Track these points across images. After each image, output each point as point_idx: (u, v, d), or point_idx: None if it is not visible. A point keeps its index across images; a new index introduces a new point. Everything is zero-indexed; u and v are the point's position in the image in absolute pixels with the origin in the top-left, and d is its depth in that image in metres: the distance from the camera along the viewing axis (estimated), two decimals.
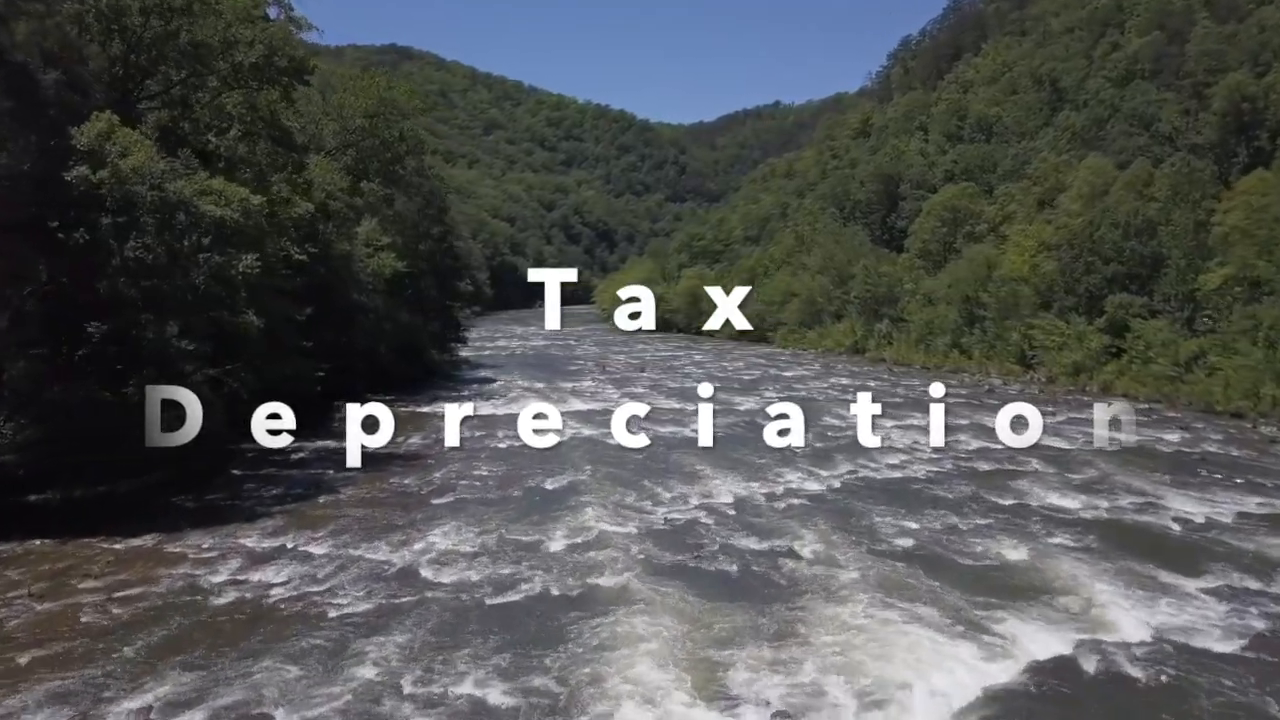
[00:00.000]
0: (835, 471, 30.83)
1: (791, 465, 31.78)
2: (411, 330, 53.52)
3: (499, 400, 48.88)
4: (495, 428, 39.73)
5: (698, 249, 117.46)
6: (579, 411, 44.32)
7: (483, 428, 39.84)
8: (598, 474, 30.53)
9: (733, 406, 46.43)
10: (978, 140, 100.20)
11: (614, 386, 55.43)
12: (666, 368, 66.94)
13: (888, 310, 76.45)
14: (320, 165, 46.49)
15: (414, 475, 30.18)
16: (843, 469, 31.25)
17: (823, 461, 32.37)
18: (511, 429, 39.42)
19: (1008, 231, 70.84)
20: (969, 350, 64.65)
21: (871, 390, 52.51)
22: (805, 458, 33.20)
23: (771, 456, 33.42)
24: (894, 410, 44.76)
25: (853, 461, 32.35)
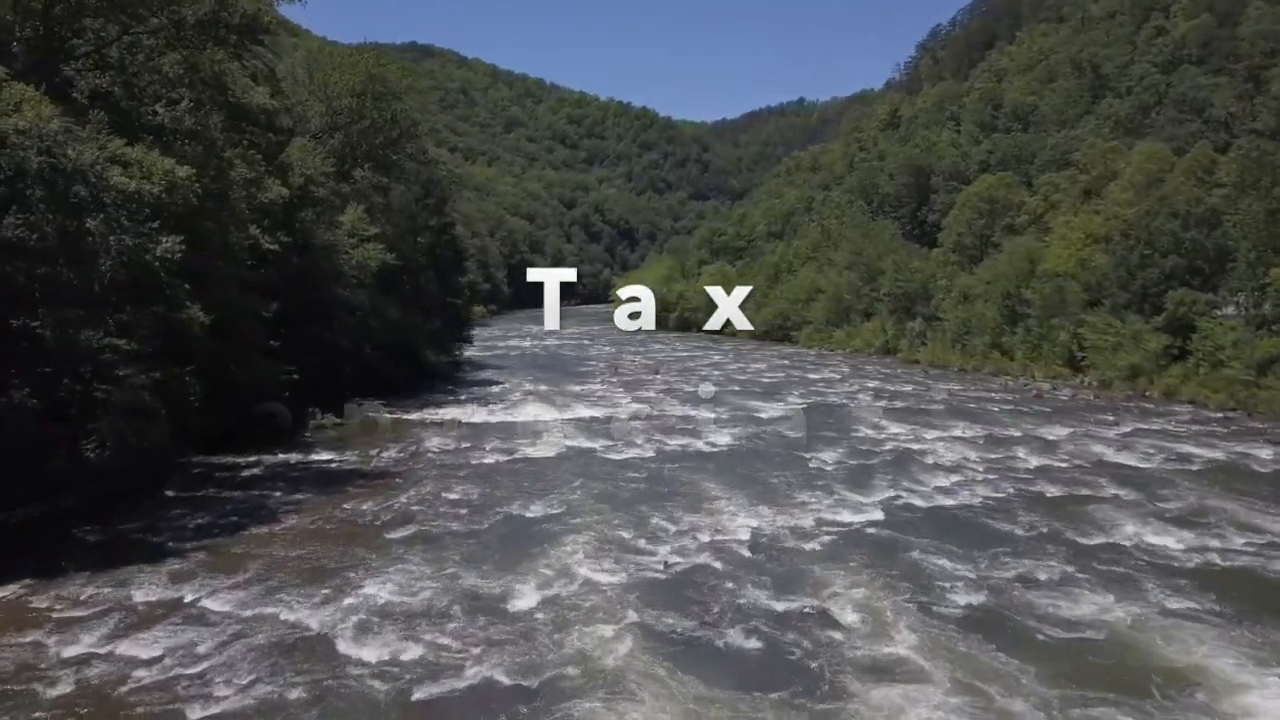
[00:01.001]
0: (874, 497, 25.57)
1: (821, 487, 26.58)
2: (404, 328, 48.68)
3: (496, 405, 43.96)
4: (484, 438, 34.81)
5: (719, 245, 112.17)
6: (581, 420, 39.31)
7: (470, 438, 34.93)
8: (590, 497, 25.48)
9: (752, 413, 41.24)
10: (1014, 130, 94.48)
11: (624, 390, 50.39)
12: (682, 370, 61.81)
13: (920, 308, 70.96)
14: (301, 148, 41.72)
15: (375, 498, 25.25)
16: (883, 493, 25.98)
17: (858, 483, 27.13)
18: (502, 440, 34.57)
19: (1051, 223, 65.20)
20: (1010, 351, 59.09)
21: (907, 395, 47.26)
22: (837, 477, 27.99)
23: (796, 474, 28.28)
24: (935, 419, 39.39)
25: (894, 483, 27.09)
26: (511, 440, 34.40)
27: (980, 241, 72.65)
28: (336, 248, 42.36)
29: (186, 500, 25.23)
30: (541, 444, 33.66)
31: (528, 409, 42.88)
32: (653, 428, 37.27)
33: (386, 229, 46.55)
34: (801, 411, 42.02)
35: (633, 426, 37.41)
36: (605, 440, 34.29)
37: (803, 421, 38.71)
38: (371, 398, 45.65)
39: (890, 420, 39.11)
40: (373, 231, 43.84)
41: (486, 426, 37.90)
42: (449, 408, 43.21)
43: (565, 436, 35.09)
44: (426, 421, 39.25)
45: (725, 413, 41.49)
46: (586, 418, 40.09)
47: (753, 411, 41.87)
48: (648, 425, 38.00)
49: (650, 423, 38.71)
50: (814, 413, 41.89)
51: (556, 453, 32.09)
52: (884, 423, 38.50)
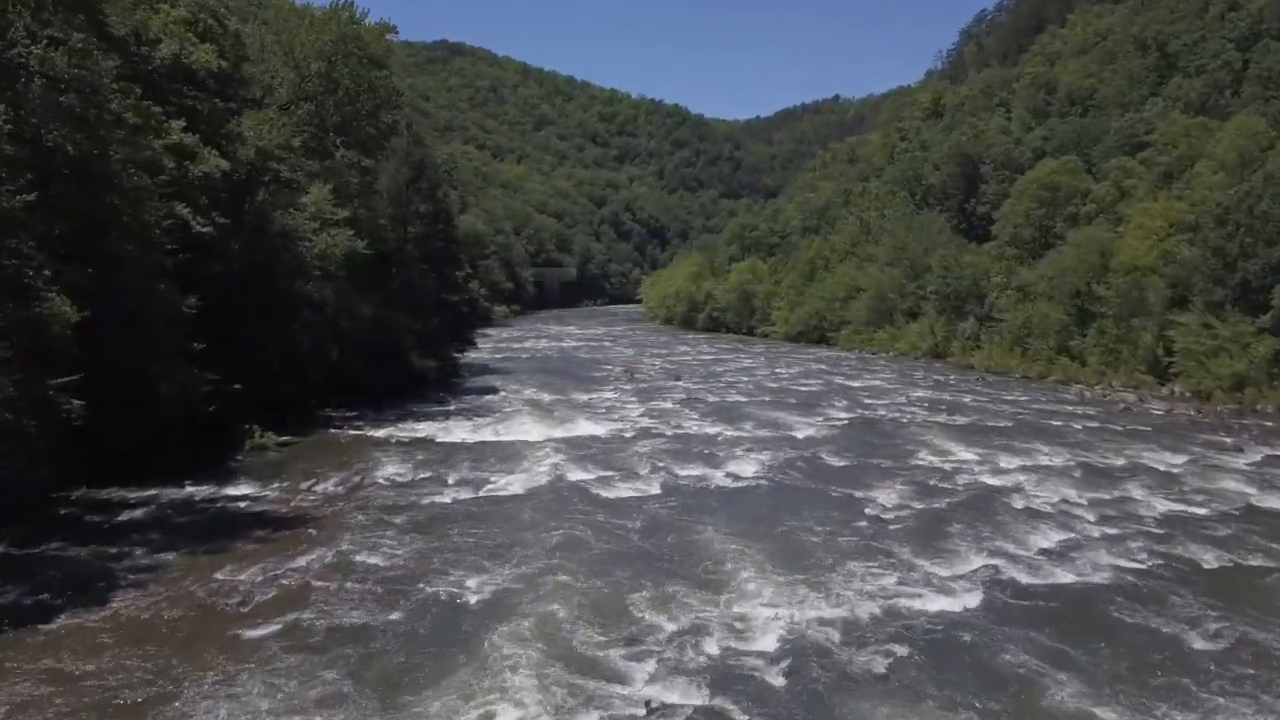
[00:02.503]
0: (956, 567, 18.05)
1: (880, 551, 19.10)
2: (385, 328, 41.74)
3: (484, 419, 36.86)
4: (453, 464, 27.68)
5: (750, 240, 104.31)
6: (578, 440, 32.08)
7: (436, 463, 27.80)
8: (560, 565, 18.20)
9: (785, 432, 33.74)
10: (1070, 115, 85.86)
11: (637, 400, 43.08)
12: (707, 375, 54.35)
13: (972, 308, 63.03)
14: (255, 117, 34.90)
15: (266, 561, 18.16)
16: (968, 561, 18.44)
17: (932, 544, 19.59)
18: (473, 467, 27.41)
19: (1124, 212, 56.93)
20: (1082, 356, 51.05)
21: (968, 408, 39.48)
22: (901, 533, 20.47)
23: (843, 528, 20.83)
24: (1012, 441, 31.66)
25: (980, 543, 19.54)
26: (485, 468, 27.23)
27: (1040, 233, 64.41)
28: (298, 233, 35.52)
29: (13, 561, 18.28)
30: (520, 474, 26.42)
31: (520, 424, 35.71)
32: (663, 451, 29.92)
33: (361, 212, 39.68)
34: (845, 430, 34.49)
35: (638, 450, 30.07)
36: (601, 469, 27.01)
37: (848, 444, 31.19)
38: (343, 408, 38.96)
39: (956, 442, 31.46)
40: (341, 215, 36.88)
41: (462, 448, 30.77)
42: (429, 421, 36.20)
43: (553, 463, 27.84)
44: (393, 440, 32.20)
45: (753, 431, 34.05)
46: (586, 436, 32.83)
47: (786, 429, 34.36)
48: (658, 447, 30.66)
49: (661, 443, 31.38)
50: (860, 431, 34.35)
51: (535, 488, 24.86)
52: (948, 446, 30.87)
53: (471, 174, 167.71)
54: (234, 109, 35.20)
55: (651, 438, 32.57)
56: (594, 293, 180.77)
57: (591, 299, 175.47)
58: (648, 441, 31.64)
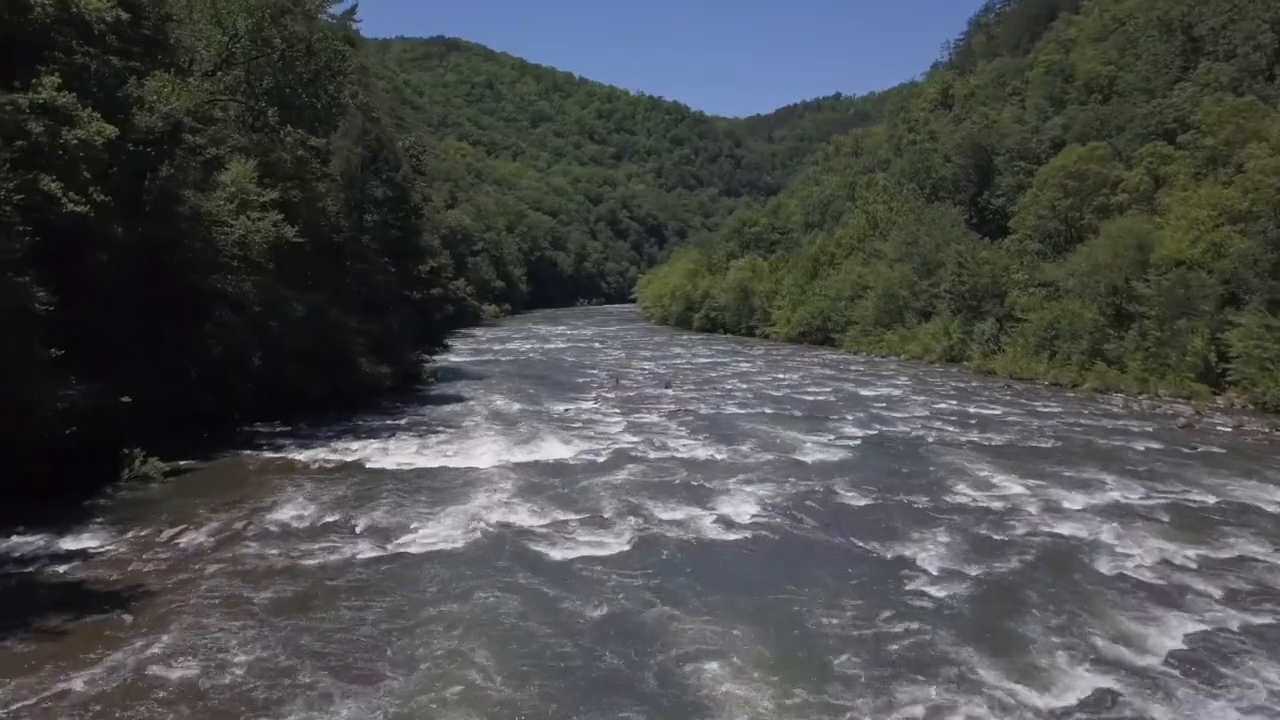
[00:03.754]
0: (1055, 692, 12.04)
1: (936, 659, 13.11)
2: (327, 329, 35.89)
3: (435, 437, 31.01)
4: (370, 502, 21.77)
5: (750, 236, 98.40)
6: (538, 468, 26.19)
7: (351, 502, 21.90)
8: (470, 674, 12.28)
9: (791, 456, 27.80)
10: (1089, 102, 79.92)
11: (620, 413, 37.20)
12: (701, 381, 48.42)
13: (991, 307, 57.15)
14: (161, 79, 29.00)
15: (28, 674, 12.25)
16: (1070, 678, 12.42)
17: (1011, 648, 13.58)
18: (396, 507, 21.49)
19: (1165, 200, 51.07)
20: (1120, 361, 45.11)
21: (1002, 423, 33.57)
22: (962, 625, 14.50)
23: (877, 615, 14.88)
24: (1066, 468, 25.70)
25: (1080, 646, 13.56)
26: (411, 508, 21.32)
27: (1066, 226, 58.55)
28: (213, 217, 29.65)
29: None
30: (453, 518, 20.48)
31: (476, 444, 29.81)
32: (641, 483, 24.00)
33: (295, 194, 33.77)
34: (861, 452, 28.56)
35: (611, 481, 24.16)
36: (559, 510, 21.10)
37: (868, 473, 25.25)
38: (275, 423, 33.16)
39: (998, 469, 25.53)
40: (267, 197, 30.94)
41: (395, 476, 24.88)
42: (369, 440, 30.33)
43: (499, 501, 21.93)
44: (315, 465, 26.29)
45: (752, 454, 28.11)
46: (550, 462, 26.90)
47: (791, 451, 28.41)
48: (635, 477, 24.75)
49: (640, 471, 25.45)
50: (880, 455, 28.42)
51: (465, 541, 18.91)
52: (991, 475, 24.94)
53: (465, 170, 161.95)
54: (137, 69, 29.36)
55: (629, 463, 26.62)
56: (590, 292, 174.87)
57: (587, 298, 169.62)
58: (624, 469, 25.69)
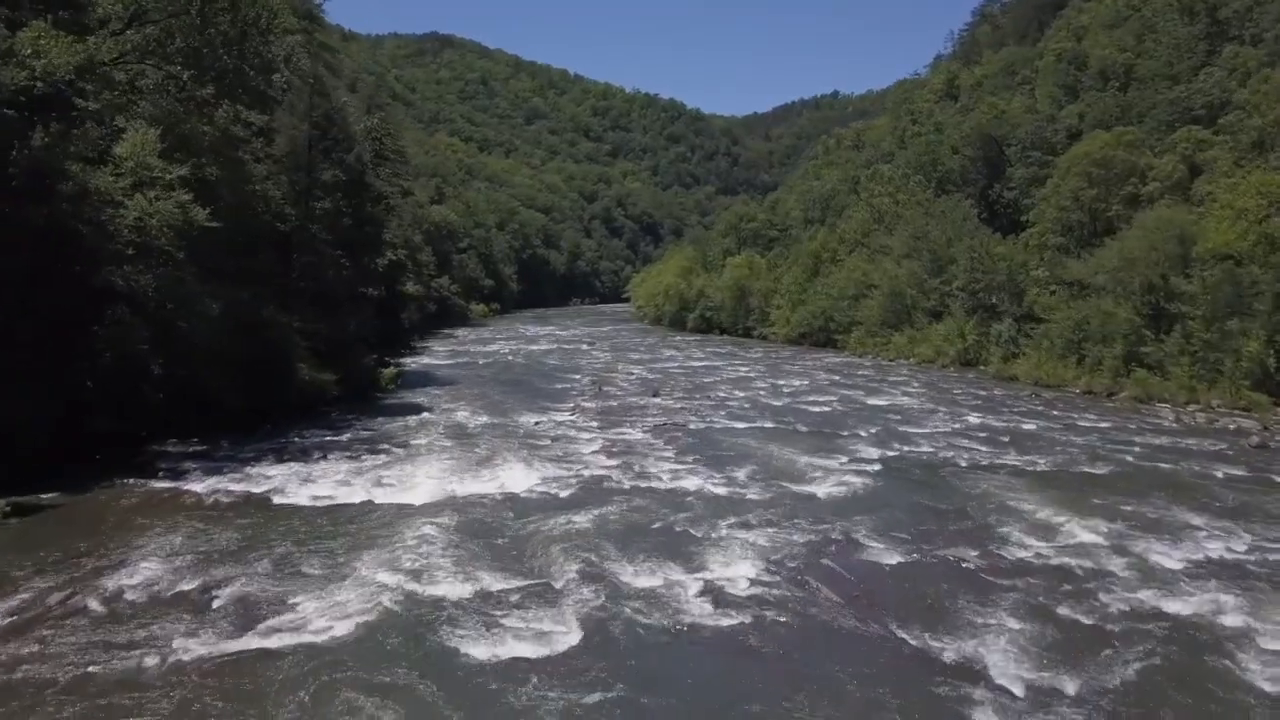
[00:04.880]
0: None
1: None
2: (258, 331, 30.61)
3: (373, 461, 25.76)
4: (252, 560, 16.49)
5: (747, 232, 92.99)
6: (490, 504, 20.93)
7: (226, 558, 16.63)
8: None
9: (797, 490, 22.47)
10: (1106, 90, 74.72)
11: (599, 427, 31.94)
12: (693, 388, 43.13)
13: (1008, 306, 51.96)
14: (37, 30, 23.73)
15: None
16: None
17: None
18: (279, 568, 16.12)
19: (1207, 188, 45.90)
20: (1160, 366, 39.88)
21: (1040, 442, 28.35)
22: None
23: None
24: (1144, 506, 20.40)
25: None
26: (297, 570, 16.04)
27: (1091, 218, 53.36)
28: (102, 196, 24.36)
29: None
30: (347, 589, 15.15)
31: (418, 471, 24.52)
32: (609, 531, 18.68)
33: (212, 172, 28.41)
34: (884, 482, 23.26)
35: (571, 527, 18.86)
36: (493, 577, 15.78)
37: (895, 513, 19.94)
38: (192, 442, 27.98)
39: (1057, 506, 20.27)
40: (173, 174, 25.60)
41: (300, 518, 19.60)
42: (293, 464, 25.09)
43: (418, 561, 16.61)
44: (206, 502, 21.02)
45: (750, 485, 22.81)
46: (501, 497, 21.60)
47: (798, 481, 23.13)
48: (602, 520, 19.45)
49: (610, 512, 20.14)
50: (907, 484, 23.15)
51: (351, 630, 13.55)
52: (1050, 514, 19.68)
53: (455, 166, 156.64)
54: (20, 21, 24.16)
55: (599, 499, 21.35)
56: (584, 291, 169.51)
57: (581, 298, 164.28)
58: (591, 507, 20.40)
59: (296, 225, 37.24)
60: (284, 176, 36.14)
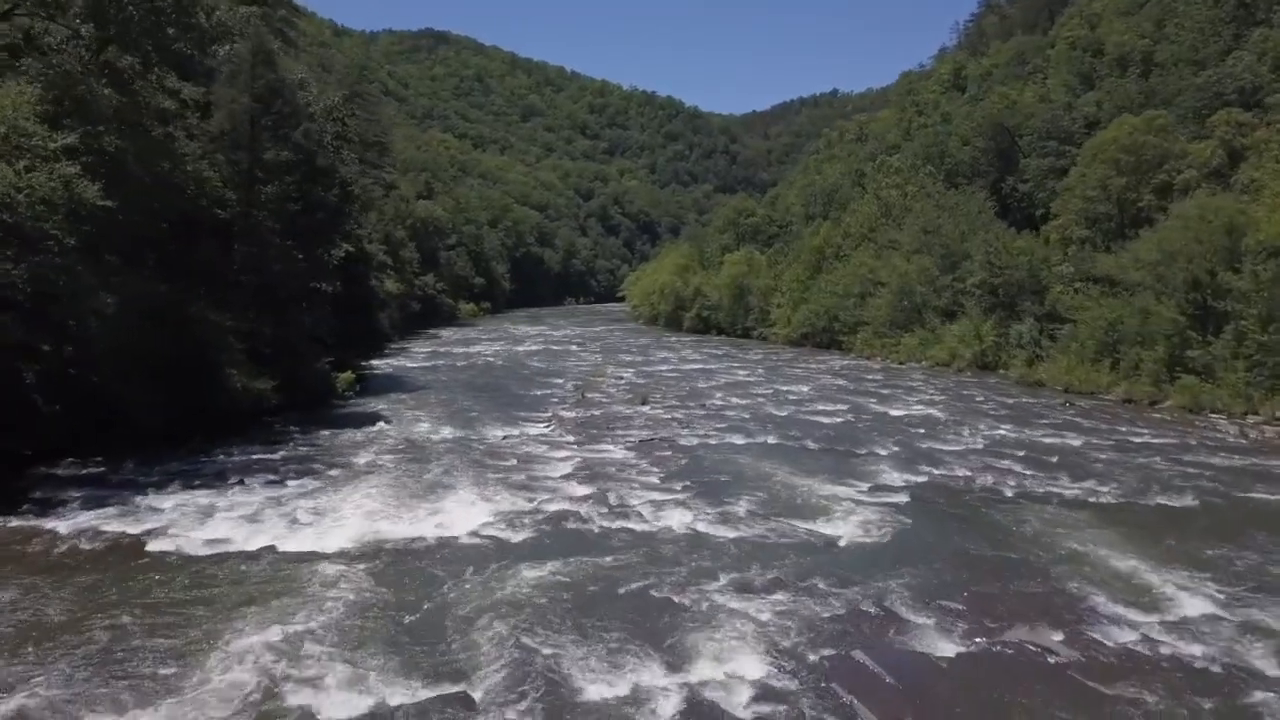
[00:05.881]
0: None
1: None
2: (182, 331, 26.04)
3: (299, 486, 21.20)
4: (55, 644, 11.81)
5: (746, 228, 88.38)
6: (421, 552, 16.35)
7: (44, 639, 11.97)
8: None
9: (812, 526, 17.81)
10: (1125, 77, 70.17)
11: (576, 443, 27.36)
12: (687, 395, 38.50)
13: (1029, 305, 47.40)
14: None
15: None
16: None
17: None
18: (102, 662, 11.36)
19: (1255, 174, 41.35)
20: (1208, 370, 35.30)
21: (1091, 461, 23.78)
22: None
23: None
24: (1243, 548, 15.77)
25: None
26: (120, 665, 11.40)
27: (1120, 209, 48.80)
28: None
29: None
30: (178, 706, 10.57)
31: (346, 502, 19.93)
32: (565, 599, 14.02)
33: (112, 142, 23.82)
34: (916, 521, 18.60)
35: (515, 591, 14.25)
36: (390, 682, 11.19)
37: (943, 572, 15.29)
38: (98, 459, 23.53)
39: (1143, 557, 15.70)
40: (56, 143, 21.00)
41: (163, 575, 15.01)
42: (196, 493, 20.53)
43: (295, 654, 11.96)
44: (55, 550, 16.46)
45: (751, 525, 18.14)
46: (435, 542, 16.99)
47: (811, 521, 18.48)
48: (561, 581, 14.83)
49: (574, 568, 15.52)
50: (947, 523, 18.50)
51: None
52: (1136, 569, 15.11)
53: (448, 162, 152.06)
54: None
55: (559, 547, 16.75)
56: (579, 290, 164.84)
57: (575, 297, 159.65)
58: (545, 562, 15.73)
59: (239, 211, 32.68)
60: (221, 156, 31.52)
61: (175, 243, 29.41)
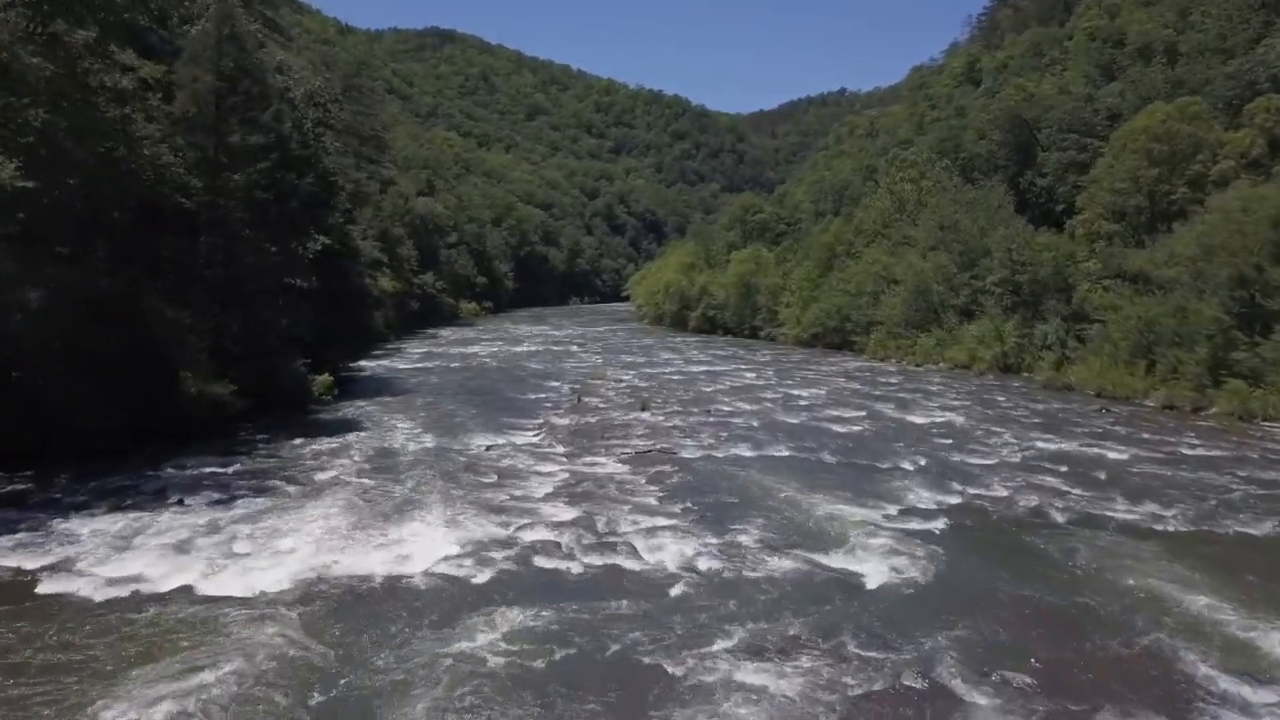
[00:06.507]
0: None
1: None
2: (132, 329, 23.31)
3: (245, 509, 18.46)
4: None
5: (753, 225, 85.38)
6: (370, 592, 13.48)
7: None
8: None
9: (833, 561, 14.87)
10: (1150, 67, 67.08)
11: (566, 454, 24.58)
12: (690, 400, 35.62)
13: (1054, 304, 44.40)
14: None
15: None
16: None
17: None
18: None
19: None
20: (1258, 375, 32.28)
21: (1151, 482, 20.90)
22: None
23: None
24: None
25: None
26: None
27: (1151, 201, 45.78)
28: None
29: None
30: None
31: (298, 529, 17.15)
32: (532, 668, 11.21)
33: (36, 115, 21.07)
34: (958, 551, 15.69)
35: (470, 649, 11.43)
36: None
37: (1001, 626, 12.39)
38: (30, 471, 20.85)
39: (1245, 608, 12.79)
40: None
41: (66, 621, 12.22)
42: (126, 516, 17.81)
43: None
44: None
45: (761, 563, 15.28)
46: (387, 583, 14.17)
47: (831, 554, 15.59)
48: (527, 641, 12.01)
49: (544, 622, 12.71)
50: (997, 564, 15.56)
51: None
52: (1243, 626, 12.19)
53: (451, 160, 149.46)
54: None
55: (531, 589, 13.96)
56: (584, 290, 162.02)
57: (580, 296, 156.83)
58: (513, 611, 12.90)
59: (205, 200, 29.96)
60: (181, 139, 28.79)
61: (134, 232, 26.74)
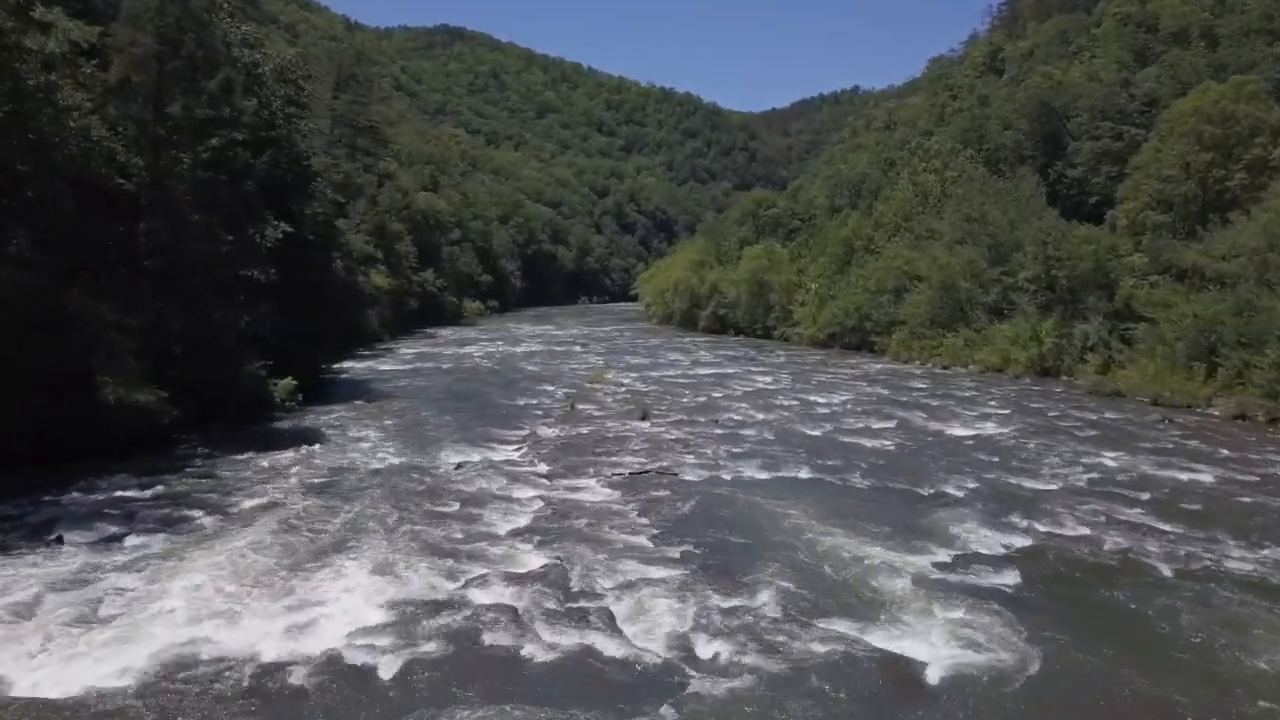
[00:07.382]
0: None
1: None
2: (39, 332, 19.56)
3: (135, 553, 14.67)
4: None
5: (765, 220, 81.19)
6: (249, 697, 9.55)
7: None
8: None
9: (877, 636, 10.87)
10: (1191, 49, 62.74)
11: (550, 474, 20.72)
12: (696, 408, 31.63)
13: (1095, 302, 40.27)
14: None
15: None
16: None
17: None
18: None
19: None
20: None
21: (1256, 516, 16.66)
22: None
23: None
24: None
25: None
26: None
27: (1203, 189, 41.56)
28: None
29: None
30: None
31: (191, 580, 13.28)
32: None
33: None
34: (1049, 636, 11.66)
35: None
36: None
37: None
38: None
39: None
40: None
41: None
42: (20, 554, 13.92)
43: None
44: None
45: (779, 632, 11.37)
46: (272, 671, 10.28)
47: (870, 625, 11.67)
48: None
49: None
50: (1098, 643, 11.49)
51: None
52: None
53: (458, 157, 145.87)
54: None
55: (469, 686, 10.09)
56: (593, 289, 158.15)
57: (589, 296, 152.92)
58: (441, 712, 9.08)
59: (147, 182, 26.22)
60: (113, 109, 25.06)
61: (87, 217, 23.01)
